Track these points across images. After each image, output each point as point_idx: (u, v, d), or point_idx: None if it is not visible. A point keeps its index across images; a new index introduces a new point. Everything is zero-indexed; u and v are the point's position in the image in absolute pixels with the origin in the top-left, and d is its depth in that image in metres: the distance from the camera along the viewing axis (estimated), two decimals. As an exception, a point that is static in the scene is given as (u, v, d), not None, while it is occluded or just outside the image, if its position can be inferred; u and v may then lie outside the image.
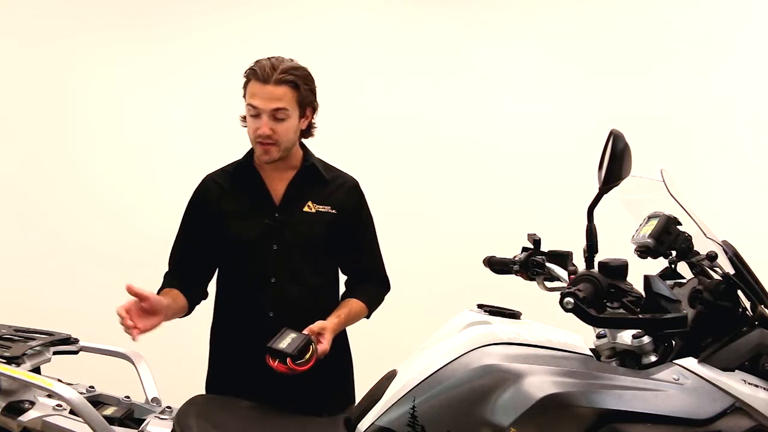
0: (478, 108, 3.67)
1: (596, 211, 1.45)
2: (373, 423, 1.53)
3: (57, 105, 3.72)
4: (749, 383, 1.40)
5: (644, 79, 3.55)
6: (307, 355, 1.77)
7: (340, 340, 2.14)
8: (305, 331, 1.85)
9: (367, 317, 2.17)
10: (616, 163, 1.40)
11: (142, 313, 1.85)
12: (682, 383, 1.39)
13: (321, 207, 2.08)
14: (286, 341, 1.77)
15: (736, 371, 1.42)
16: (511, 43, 3.69)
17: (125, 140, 3.73)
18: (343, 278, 2.23)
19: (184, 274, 2.12)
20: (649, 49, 3.56)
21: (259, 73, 1.97)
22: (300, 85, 1.99)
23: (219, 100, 3.65)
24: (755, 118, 3.48)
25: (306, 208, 2.07)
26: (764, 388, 1.41)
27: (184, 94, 3.74)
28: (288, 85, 1.97)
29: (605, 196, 1.45)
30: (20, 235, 3.63)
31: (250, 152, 2.13)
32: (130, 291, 1.83)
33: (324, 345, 1.88)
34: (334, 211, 2.09)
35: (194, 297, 2.12)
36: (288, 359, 1.73)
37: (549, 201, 3.45)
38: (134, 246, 3.61)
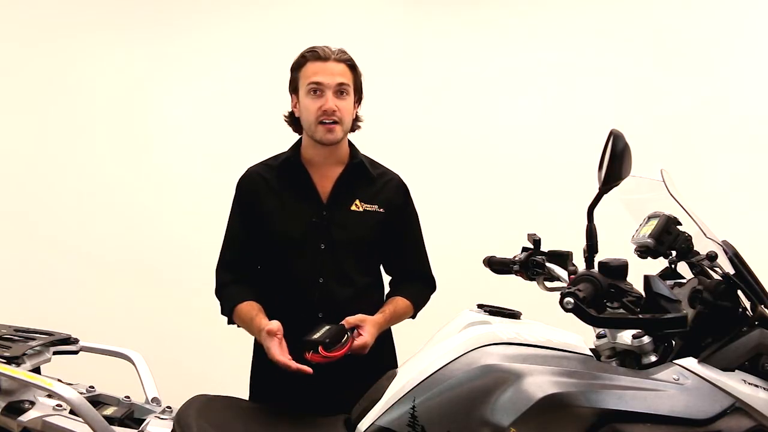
0: (478, 108, 3.67)
1: (596, 211, 1.45)
2: (373, 423, 1.53)
3: (57, 105, 3.72)
4: (749, 383, 1.40)
5: (644, 79, 3.56)
6: (340, 343, 1.76)
7: (387, 342, 2.11)
8: (342, 323, 1.83)
9: (413, 317, 2.13)
10: (616, 163, 1.40)
11: (284, 350, 1.81)
12: (682, 383, 1.39)
13: (369, 206, 2.05)
14: (320, 332, 1.76)
15: (736, 371, 1.42)
16: (510, 44, 3.69)
17: (127, 141, 3.73)
18: (387, 277, 2.19)
19: (244, 274, 2.05)
20: (649, 49, 3.57)
21: (320, 53, 1.98)
22: (356, 67, 2.03)
23: (224, 101, 3.68)
24: (755, 117, 3.48)
25: (354, 207, 2.04)
26: (764, 388, 1.41)
27: (187, 94, 3.74)
28: (347, 64, 2.00)
29: (605, 196, 1.45)
30: (21, 235, 3.63)
31: (296, 147, 2.08)
32: (272, 332, 1.80)
33: (365, 337, 1.84)
34: (381, 210, 2.06)
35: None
36: (320, 347, 1.72)
37: (549, 201, 3.45)
38: (135, 246, 3.61)
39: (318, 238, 2.00)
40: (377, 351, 1.95)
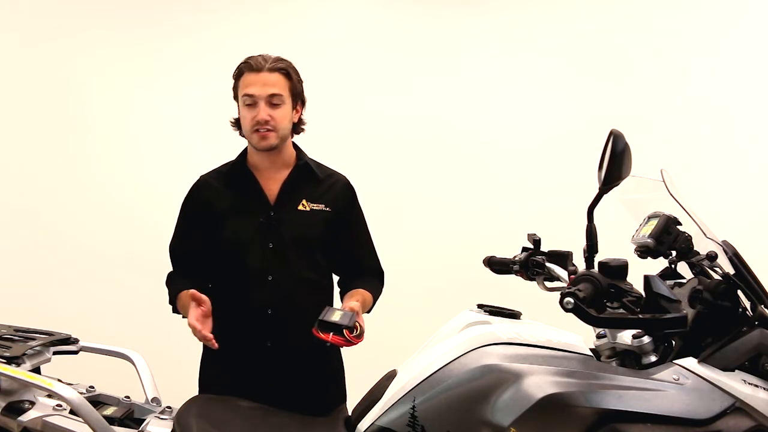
0: (478, 107, 3.67)
1: (596, 211, 1.45)
2: (373, 423, 1.53)
3: (58, 105, 3.72)
4: (749, 383, 1.40)
5: (645, 79, 3.56)
6: (358, 330, 1.78)
7: (334, 347, 2.12)
8: (346, 309, 1.86)
9: (368, 312, 2.16)
10: (616, 163, 1.40)
11: (202, 319, 1.86)
12: (682, 383, 1.39)
13: (315, 205, 2.11)
14: (336, 315, 1.76)
15: (736, 371, 1.42)
16: (510, 44, 3.69)
17: (127, 140, 3.73)
18: (336, 278, 2.23)
19: (192, 275, 2.11)
20: (649, 49, 3.57)
21: (253, 64, 2.03)
22: (291, 74, 2.06)
23: (220, 100, 3.66)
24: (755, 118, 3.48)
25: (300, 207, 2.10)
26: (764, 388, 1.41)
27: (185, 94, 3.74)
28: (280, 73, 2.04)
29: (605, 196, 1.45)
30: (21, 235, 3.63)
31: (243, 153, 2.15)
32: (194, 297, 1.84)
33: (362, 325, 1.88)
34: (328, 209, 2.11)
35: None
36: (345, 331, 1.73)
37: (549, 201, 3.46)
38: (135, 246, 3.61)
39: (266, 238, 2.06)
40: (324, 355, 2.06)
